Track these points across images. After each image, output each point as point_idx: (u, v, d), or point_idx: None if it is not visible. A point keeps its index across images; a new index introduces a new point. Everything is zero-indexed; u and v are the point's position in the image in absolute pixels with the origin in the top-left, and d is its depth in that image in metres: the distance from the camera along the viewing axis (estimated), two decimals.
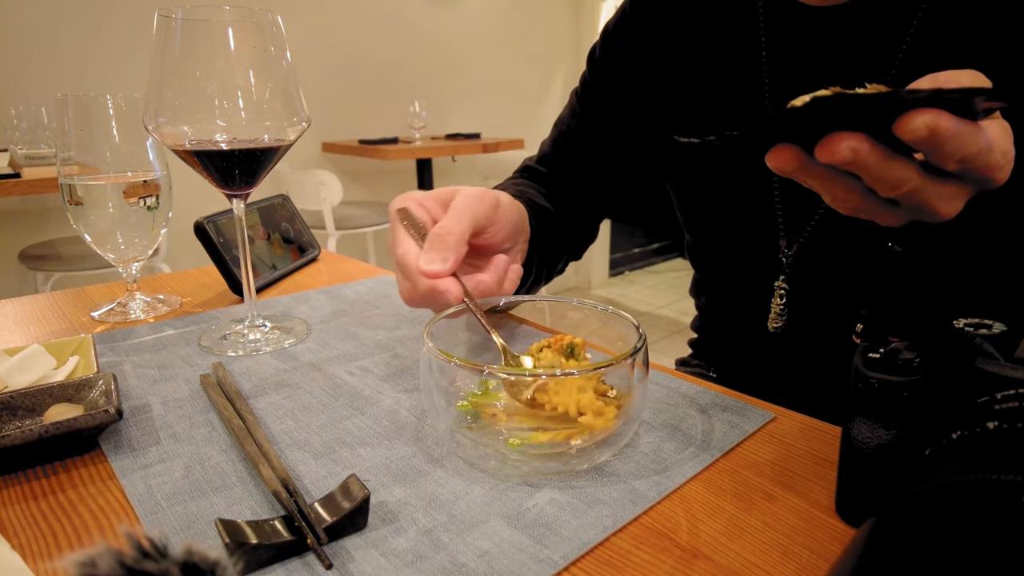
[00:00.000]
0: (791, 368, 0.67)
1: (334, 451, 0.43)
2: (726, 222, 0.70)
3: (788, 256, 0.64)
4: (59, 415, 0.42)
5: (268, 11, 0.54)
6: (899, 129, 0.30)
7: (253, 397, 0.51)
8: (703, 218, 0.73)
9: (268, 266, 0.82)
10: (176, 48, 0.52)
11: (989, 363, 0.29)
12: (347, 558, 0.33)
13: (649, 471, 0.40)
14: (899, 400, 0.32)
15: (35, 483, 0.40)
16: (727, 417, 0.46)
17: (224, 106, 0.53)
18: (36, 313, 0.73)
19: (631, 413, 0.41)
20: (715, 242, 0.73)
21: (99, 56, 2.37)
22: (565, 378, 0.40)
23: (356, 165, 3.11)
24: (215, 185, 0.58)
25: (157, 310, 0.72)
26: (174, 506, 0.37)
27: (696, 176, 0.71)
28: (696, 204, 0.73)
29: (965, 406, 0.27)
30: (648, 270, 4.40)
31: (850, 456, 0.34)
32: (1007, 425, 0.25)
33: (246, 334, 0.62)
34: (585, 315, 0.50)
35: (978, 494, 0.21)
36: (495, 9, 3.47)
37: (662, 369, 0.55)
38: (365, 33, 3.03)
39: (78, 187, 0.67)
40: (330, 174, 2.50)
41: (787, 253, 0.64)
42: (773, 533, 0.34)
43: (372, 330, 0.65)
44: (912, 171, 0.33)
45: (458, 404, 0.44)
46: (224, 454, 0.42)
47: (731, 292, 0.74)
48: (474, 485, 0.39)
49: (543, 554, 0.33)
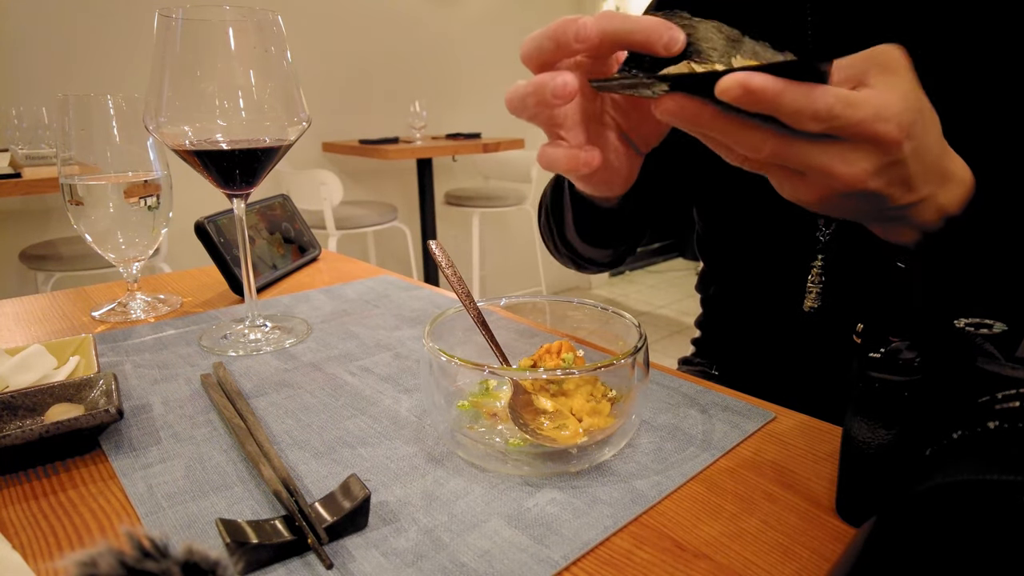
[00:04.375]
0: (816, 351, 0.66)
1: (335, 451, 0.43)
2: (762, 202, 0.68)
3: (826, 234, 0.64)
4: (60, 415, 0.42)
5: (268, 11, 0.54)
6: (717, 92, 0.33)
7: (254, 397, 0.51)
8: (735, 200, 0.71)
9: (269, 266, 0.82)
10: (177, 48, 0.52)
11: (990, 363, 0.29)
12: (348, 558, 0.33)
13: (649, 471, 0.40)
14: (900, 400, 0.32)
15: (36, 483, 0.40)
16: (727, 417, 0.46)
17: (224, 106, 0.53)
18: (37, 313, 0.73)
19: (631, 413, 0.41)
20: (746, 225, 0.72)
21: (99, 56, 2.37)
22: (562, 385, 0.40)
23: (356, 165, 3.11)
24: (215, 185, 0.58)
25: (158, 310, 0.72)
26: (175, 506, 0.37)
27: None
28: (727, 185, 0.72)
29: (966, 406, 0.27)
30: (649, 270, 4.40)
31: (851, 456, 0.34)
32: (1008, 425, 0.25)
33: (247, 334, 0.62)
34: (585, 315, 0.50)
35: (979, 494, 0.21)
36: (495, 9, 3.47)
37: (663, 369, 0.55)
38: (365, 33, 3.03)
39: (79, 187, 0.67)
40: (330, 174, 2.50)
41: (825, 232, 0.64)
42: (774, 533, 0.34)
43: (373, 330, 0.65)
44: (768, 133, 0.36)
45: (458, 404, 0.44)
46: (225, 454, 0.42)
47: (755, 277, 0.73)
48: (474, 485, 0.39)
49: (543, 554, 0.33)
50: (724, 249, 0.77)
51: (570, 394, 0.42)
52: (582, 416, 0.41)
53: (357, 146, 2.79)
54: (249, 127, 0.54)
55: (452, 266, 0.49)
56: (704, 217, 0.77)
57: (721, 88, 0.33)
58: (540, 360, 0.46)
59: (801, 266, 0.65)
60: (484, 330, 0.47)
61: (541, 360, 0.46)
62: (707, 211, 0.76)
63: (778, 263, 0.68)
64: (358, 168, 3.13)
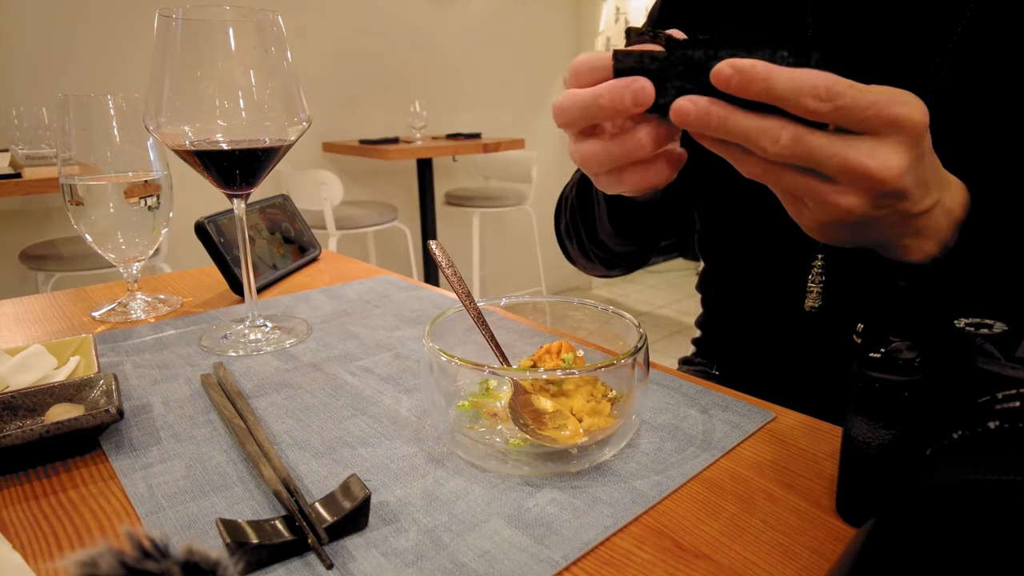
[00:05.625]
0: (816, 351, 0.66)
1: (335, 451, 0.43)
2: (763, 202, 0.68)
3: None
4: (60, 415, 0.42)
5: (268, 11, 0.54)
6: (713, 78, 0.34)
7: (254, 397, 0.51)
8: (735, 200, 0.71)
9: (269, 266, 0.82)
10: (177, 48, 0.52)
11: (990, 363, 0.29)
12: (348, 558, 0.33)
13: (650, 471, 0.40)
14: (900, 400, 0.32)
15: (36, 483, 0.40)
16: (728, 417, 0.46)
17: (225, 106, 0.53)
18: (37, 313, 0.73)
19: (631, 413, 0.41)
20: (747, 225, 0.71)
21: (99, 56, 2.37)
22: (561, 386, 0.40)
23: (357, 165, 3.11)
24: (216, 185, 0.58)
25: (158, 310, 0.72)
26: (175, 506, 0.37)
27: None
28: (727, 185, 0.71)
29: (966, 406, 0.27)
30: (649, 270, 4.39)
31: (851, 456, 0.34)
32: (1008, 425, 0.25)
33: (247, 334, 0.62)
34: (585, 315, 0.50)
35: (979, 494, 0.21)
36: (495, 9, 3.47)
37: (663, 369, 0.55)
38: (366, 33, 3.03)
39: (79, 187, 0.67)
40: (331, 174, 2.50)
41: None
42: (774, 533, 0.34)
43: (373, 330, 0.65)
44: (784, 121, 0.34)
45: (459, 404, 0.44)
46: (225, 454, 0.42)
47: (756, 277, 0.73)
48: (475, 485, 0.39)
49: (544, 554, 0.33)
50: (725, 249, 0.77)
51: (570, 394, 0.42)
52: (582, 416, 0.41)
53: (357, 146, 2.79)
54: (249, 127, 0.54)
55: (452, 266, 0.49)
56: (705, 217, 0.77)
57: (715, 72, 0.33)
58: (540, 360, 0.46)
59: (802, 266, 0.65)
60: (484, 330, 0.47)
61: (541, 360, 0.46)
62: (708, 211, 0.76)
63: (779, 263, 0.68)
64: (358, 168, 3.13)
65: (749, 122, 0.35)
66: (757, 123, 0.35)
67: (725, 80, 0.34)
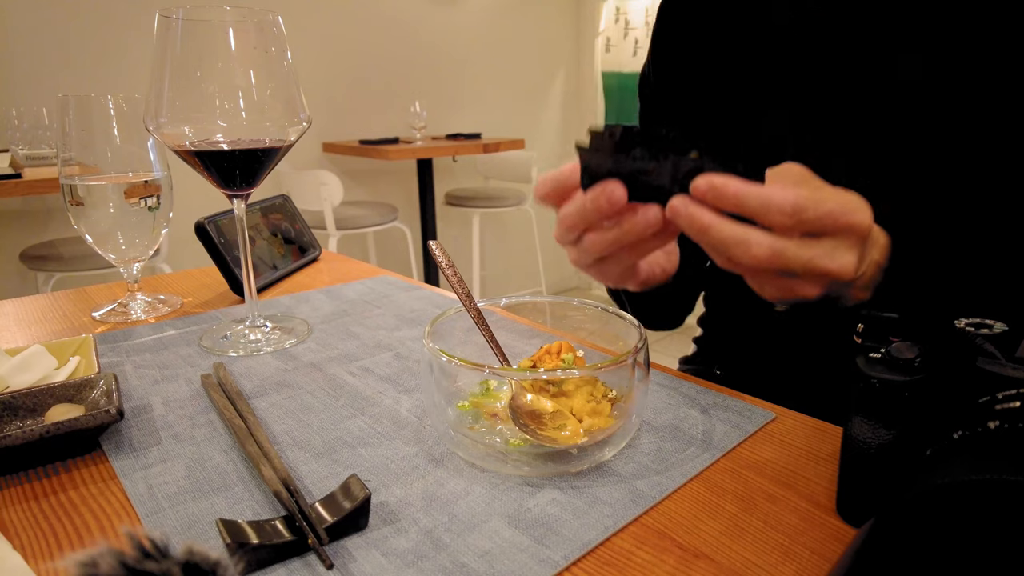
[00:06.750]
0: (818, 351, 0.66)
1: (335, 451, 0.43)
2: None
3: None
4: (60, 415, 0.42)
5: (268, 11, 0.54)
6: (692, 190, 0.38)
7: (254, 397, 0.51)
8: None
9: (269, 266, 0.83)
10: (177, 48, 0.52)
11: (990, 363, 0.29)
12: (348, 558, 0.33)
13: (650, 471, 0.40)
14: (900, 400, 0.32)
15: (36, 483, 0.40)
16: (728, 417, 0.46)
17: (225, 106, 0.53)
18: (37, 313, 0.73)
19: (631, 413, 0.41)
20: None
21: (99, 56, 2.37)
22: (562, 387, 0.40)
23: (357, 165, 3.11)
24: (216, 185, 0.58)
25: (158, 310, 0.72)
26: (175, 506, 0.37)
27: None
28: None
29: (966, 406, 0.27)
30: None
31: (851, 456, 0.34)
32: (1008, 425, 0.25)
33: (247, 334, 0.62)
34: (586, 315, 0.50)
35: (979, 494, 0.21)
36: (495, 9, 3.47)
37: (663, 369, 0.55)
38: (366, 33, 3.03)
39: (79, 187, 0.67)
40: (331, 174, 2.50)
41: None
42: (774, 533, 0.34)
43: (373, 330, 0.65)
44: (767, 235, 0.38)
45: (459, 404, 0.44)
46: (225, 454, 0.42)
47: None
48: (475, 485, 0.39)
49: (544, 554, 0.33)
50: None
51: (570, 394, 0.42)
52: (582, 416, 0.41)
53: (357, 146, 2.79)
54: (249, 127, 0.54)
55: (452, 266, 0.49)
56: None
57: (694, 186, 0.37)
58: (540, 360, 0.46)
59: None
60: (484, 330, 0.47)
61: (541, 360, 0.46)
62: None
63: None
64: (358, 168, 3.13)
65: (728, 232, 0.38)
66: (732, 234, 0.38)
67: (702, 194, 0.38)
